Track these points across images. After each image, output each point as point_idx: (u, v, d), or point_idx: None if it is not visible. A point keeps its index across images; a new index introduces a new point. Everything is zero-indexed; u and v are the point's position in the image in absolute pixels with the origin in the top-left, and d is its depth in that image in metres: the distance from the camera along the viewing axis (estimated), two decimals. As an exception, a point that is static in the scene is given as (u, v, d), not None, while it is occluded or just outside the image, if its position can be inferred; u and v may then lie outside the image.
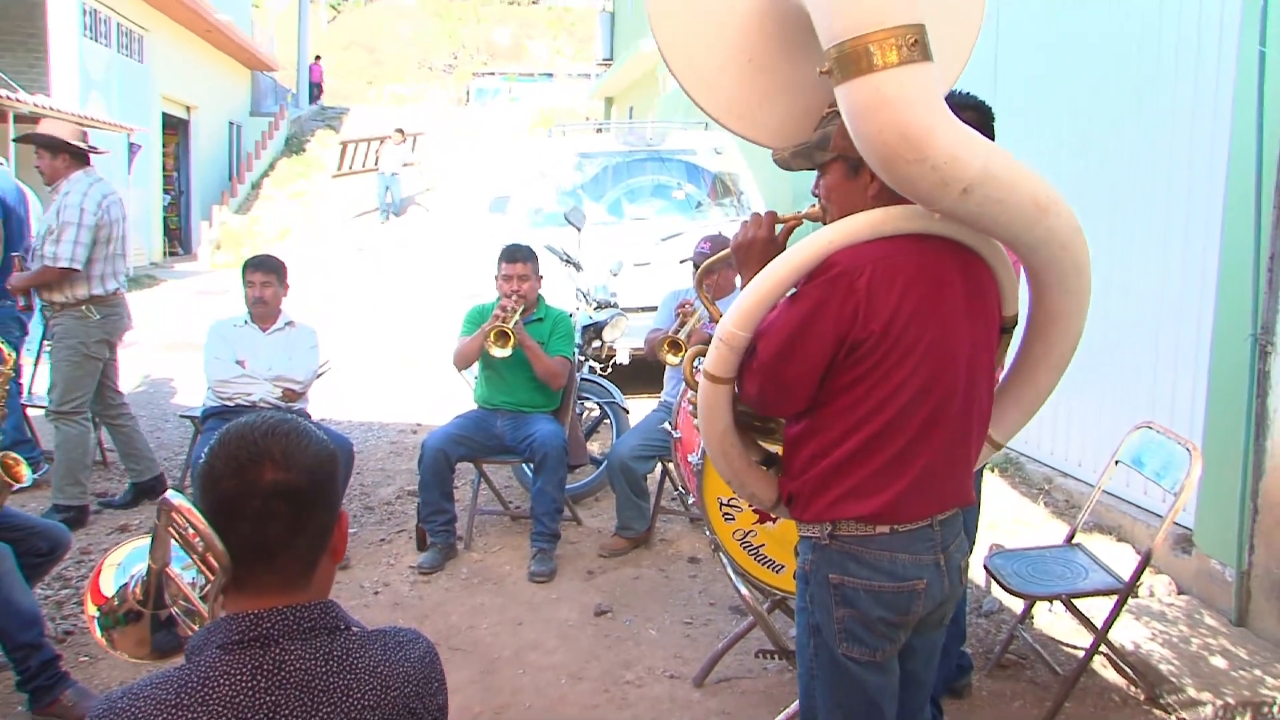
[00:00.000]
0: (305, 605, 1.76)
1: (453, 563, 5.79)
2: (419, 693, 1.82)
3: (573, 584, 5.55)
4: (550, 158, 10.83)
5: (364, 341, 12.76)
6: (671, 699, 4.34)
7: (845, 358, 2.44)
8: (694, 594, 5.41)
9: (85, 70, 18.61)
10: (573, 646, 4.83)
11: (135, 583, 2.01)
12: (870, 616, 2.51)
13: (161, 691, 1.67)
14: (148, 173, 22.03)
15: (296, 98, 34.92)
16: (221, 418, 5.80)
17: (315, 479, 1.77)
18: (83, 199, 6.13)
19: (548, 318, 6.03)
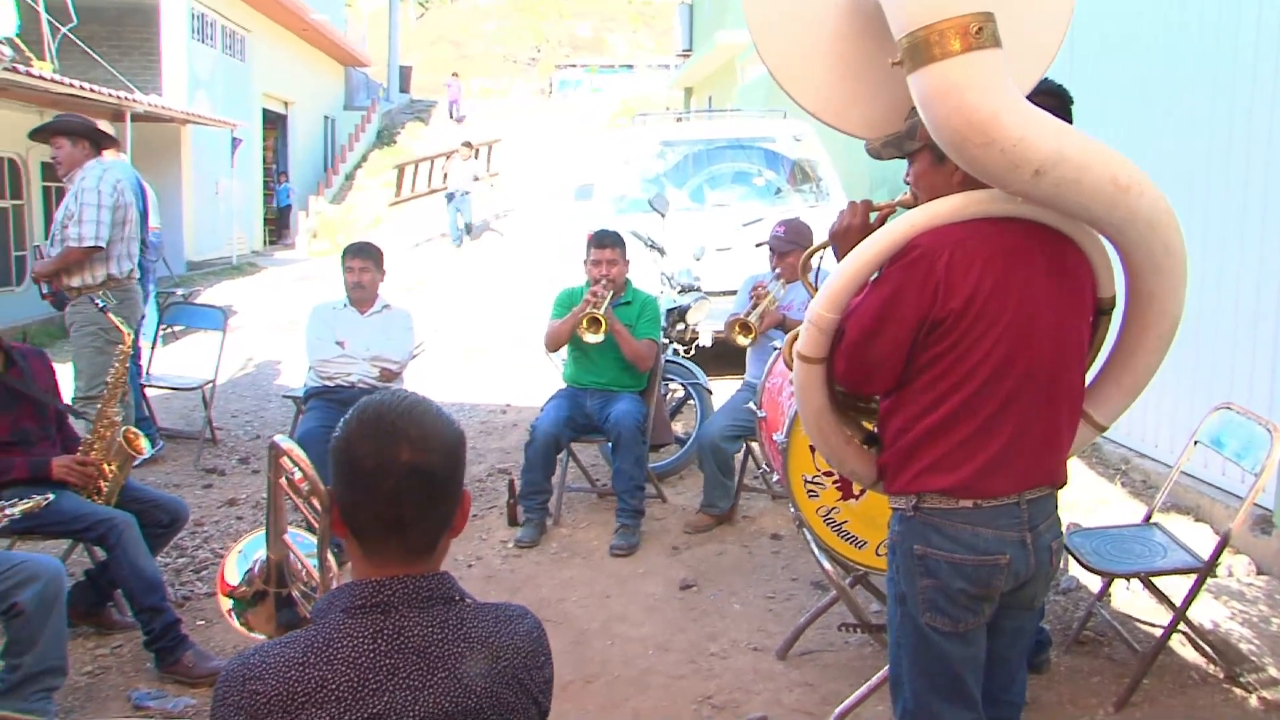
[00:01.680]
0: (425, 575, 1.79)
1: (543, 538, 5.84)
2: (527, 665, 1.84)
3: (659, 559, 5.57)
4: (634, 146, 10.82)
5: (453, 324, 12.86)
6: (755, 670, 4.33)
7: (927, 336, 2.46)
8: (776, 569, 5.40)
9: (193, 70, 18.96)
10: (659, 619, 4.85)
11: (257, 567, 2.06)
12: (951, 588, 2.51)
13: (290, 650, 1.72)
14: (249, 165, 22.40)
15: (388, 92, 35.25)
16: (322, 397, 5.91)
17: (447, 459, 1.80)
18: (99, 181, 6.18)
19: (635, 301, 6.05)
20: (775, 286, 5.77)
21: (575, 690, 4.15)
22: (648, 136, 10.91)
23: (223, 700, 1.73)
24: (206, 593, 5.07)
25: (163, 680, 4.20)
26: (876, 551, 3.88)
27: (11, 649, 3.65)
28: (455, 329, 12.66)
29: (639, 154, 10.63)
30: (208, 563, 5.40)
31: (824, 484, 3.90)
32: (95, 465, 4.43)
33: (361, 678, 1.69)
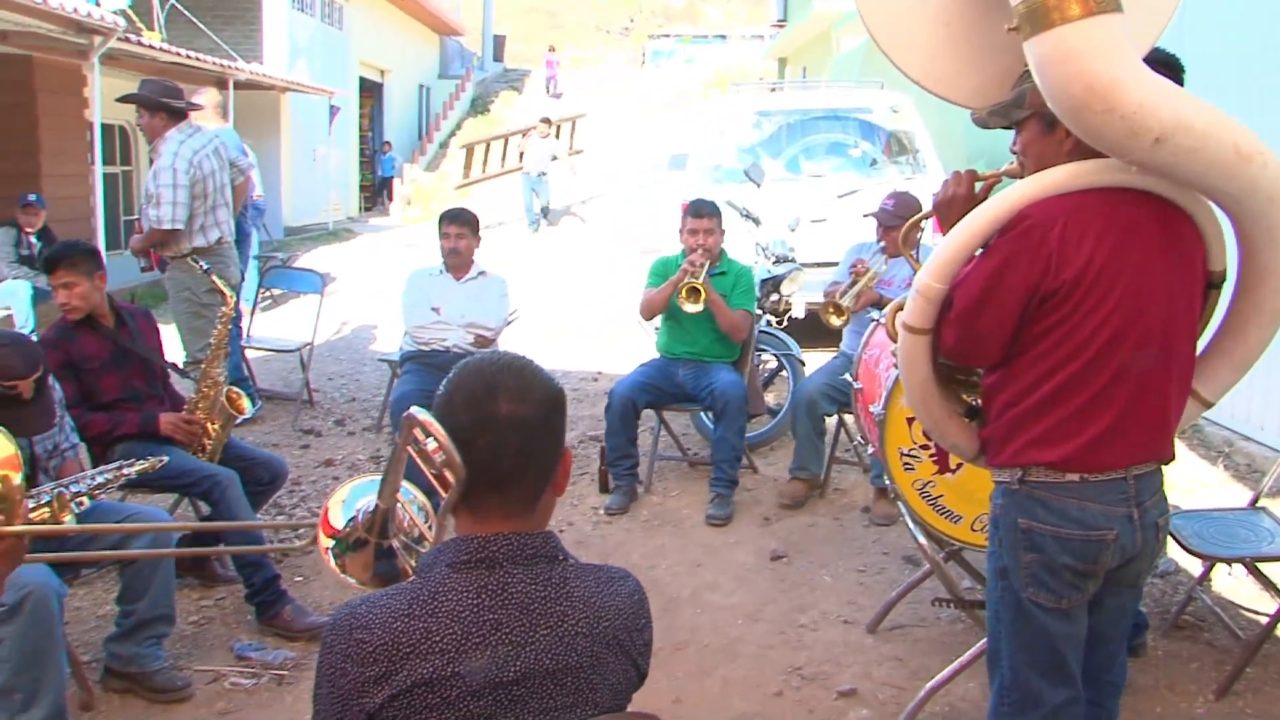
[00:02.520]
0: (529, 533, 1.81)
1: (633, 505, 5.87)
2: (627, 627, 1.86)
3: (750, 529, 5.57)
4: (729, 116, 10.76)
5: (545, 292, 12.92)
6: (845, 643, 4.32)
7: (1038, 308, 2.42)
8: (868, 543, 5.37)
9: (293, 39, 19.22)
10: (749, 589, 4.85)
11: (362, 515, 2.10)
12: (1056, 563, 2.48)
13: (395, 601, 1.75)
14: (346, 133, 22.68)
15: (482, 61, 35.43)
16: (417, 361, 5.99)
17: (545, 413, 1.81)
18: (174, 159, 6.21)
19: (730, 271, 6.02)
20: (878, 261, 5.70)
21: (665, 656, 4.18)
22: (743, 106, 10.84)
23: (330, 648, 1.77)
24: (304, 550, 5.16)
25: (263, 633, 4.32)
26: (972, 526, 3.84)
27: (125, 596, 3.80)
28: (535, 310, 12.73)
29: (734, 124, 10.57)
30: (305, 521, 5.51)
31: (920, 457, 3.86)
32: (200, 424, 4.55)
33: (465, 631, 1.72)
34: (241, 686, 3.93)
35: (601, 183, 21.57)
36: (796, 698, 3.92)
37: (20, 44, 11.40)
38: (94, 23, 10.66)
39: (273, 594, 4.33)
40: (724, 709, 3.85)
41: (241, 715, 3.75)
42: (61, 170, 12.37)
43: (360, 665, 1.72)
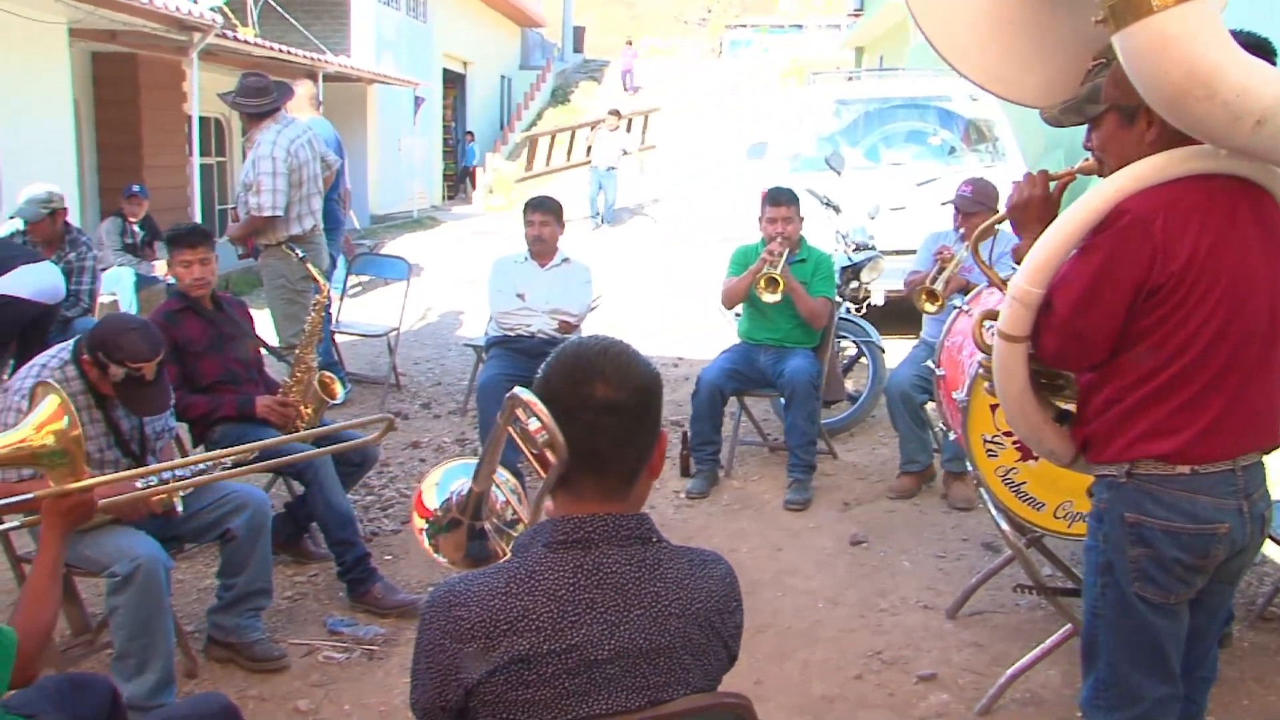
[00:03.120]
0: (624, 515, 1.81)
1: (714, 489, 5.87)
2: (719, 609, 1.86)
3: (829, 514, 5.54)
4: (809, 105, 10.70)
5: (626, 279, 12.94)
6: (925, 628, 4.29)
7: (1144, 303, 2.36)
8: (947, 529, 5.32)
9: (379, 32, 19.43)
10: (829, 573, 4.83)
11: (456, 497, 2.12)
12: (1166, 557, 2.42)
13: (493, 580, 1.77)
14: (430, 123, 22.89)
15: (562, 52, 35.54)
16: (502, 347, 6.04)
17: (642, 398, 1.81)
18: (272, 148, 6.28)
19: (810, 259, 5.98)
20: (959, 249, 5.64)
21: (746, 639, 4.09)
22: (822, 95, 10.77)
23: (429, 624, 1.80)
24: (392, 529, 5.25)
25: (354, 609, 4.39)
26: (1055, 513, 3.79)
27: (225, 570, 3.89)
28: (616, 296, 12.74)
29: (814, 112, 10.51)
30: (393, 501, 5.60)
31: (1003, 444, 3.81)
32: (294, 407, 4.64)
33: (561, 610, 1.73)
34: (334, 660, 4.00)
35: (673, 180, 21.04)
36: (876, 681, 3.90)
37: (126, 42, 11.68)
38: (194, 20, 10.89)
39: (363, 571, 4.39)
40: (804, 691, 3.84)
41: (334, 688, 3.81)
42: (161, 162, 12.65)
43: (458, 641, 1.74)
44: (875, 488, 5.90)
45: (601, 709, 1.73)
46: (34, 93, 9.82)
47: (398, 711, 3.65)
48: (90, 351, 3.56)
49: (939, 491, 5.79)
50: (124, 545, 3.42)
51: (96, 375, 3.57)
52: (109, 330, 3.60)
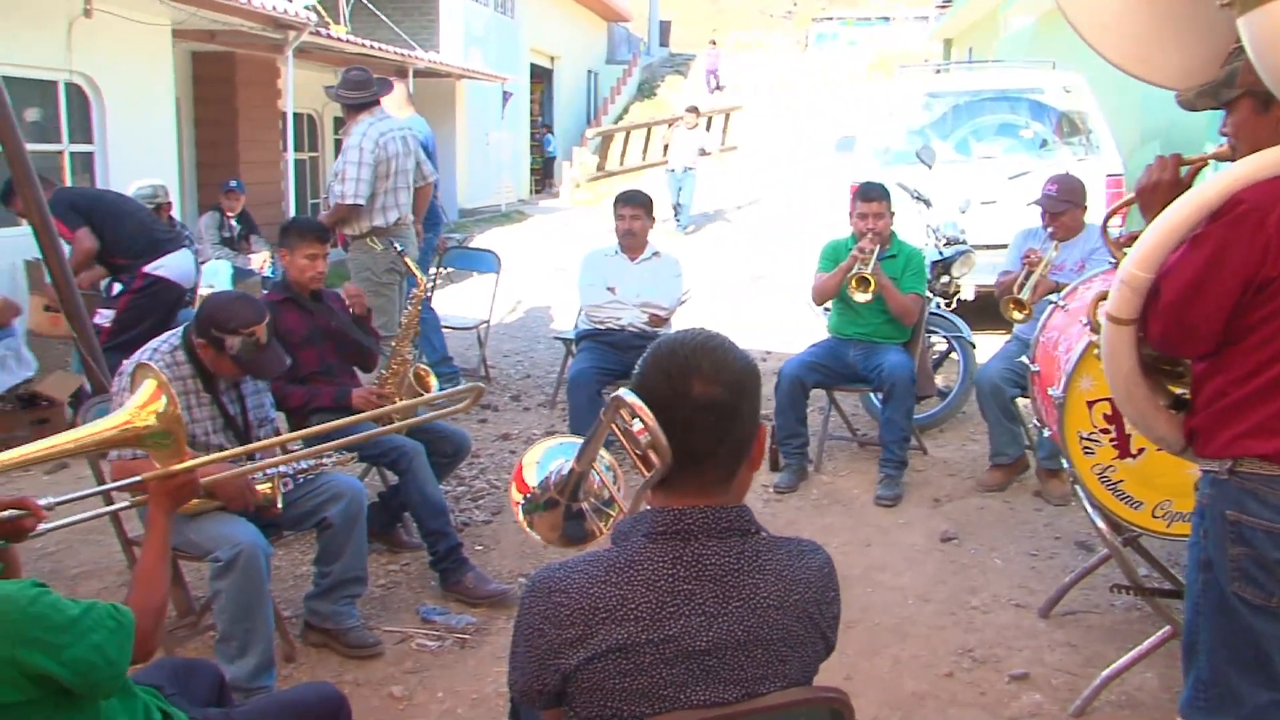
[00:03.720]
0: (724, 507, 1.82)
1: (804, 484, 5.84)
2: (817, 599, 1.86)
3: (919, 510, 5.49)
4: (898, 98, 10.59)
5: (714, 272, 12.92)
6: (1017, 626, 4.23)
7: (1255, 295, 2.29)
8: (1039, 527, 5.24)
9: (468, 28, 19.61)
10: (919, 570, 4.79)
11: (554, 476, 2.14)
12: (1268, 559, 2.35)
13: (593, 568, 1.79)
14: (517, 118, 23.05)
15: (648, 46, 35.56)
16: (593, 340, 6.08)
17: (739, 392, 1.80)
18: (361, 139, 6.34)
19: (900, 254, 5.91)
20: (1048, 248, 5.54)
21: (836, 633, 4.15)
22: (912, 88, 10.65)
23: (528, 608, 1.82)
24: (484, 520, 5.31)
25: (446, 598, 4.44)
26: (1153, 513, 3.71)
27: (322, 558, 3.96)
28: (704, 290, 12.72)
29: (903, 106, 10.40)
30: (484, 492, 5.66)
31: (1100, 441, 3.74)
32: (389, 398, 4.70)
33: (660, 600, 1.74)
34: (427, 648, 4.05)
35: (757, 182, 20.36)
36: (967, 679, 3.85)
37: (224, 42, 11.97)
38: (290, 19, 11.10)
39: (455, 561, 4.45)
40: (895, 687, 3.81)
41: (427, 675, 3.86)
42: (257, 157, 12.92)
43: (557, 627, 1.76)
44: (965, 484, 5.83)
45: (698, 700, 1.74)
46: (141, 92, 10.10)
47: (489, 700, 3.69)
48: (203, 332, 3.68)
49: (1031, 488, 5.70)
50: (226, 531, 3.50)
51: (213, 355, 3.70)
52: (215, 307, 3.72)
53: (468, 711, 3.64)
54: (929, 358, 6.64)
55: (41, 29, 8.84)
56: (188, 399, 3.71)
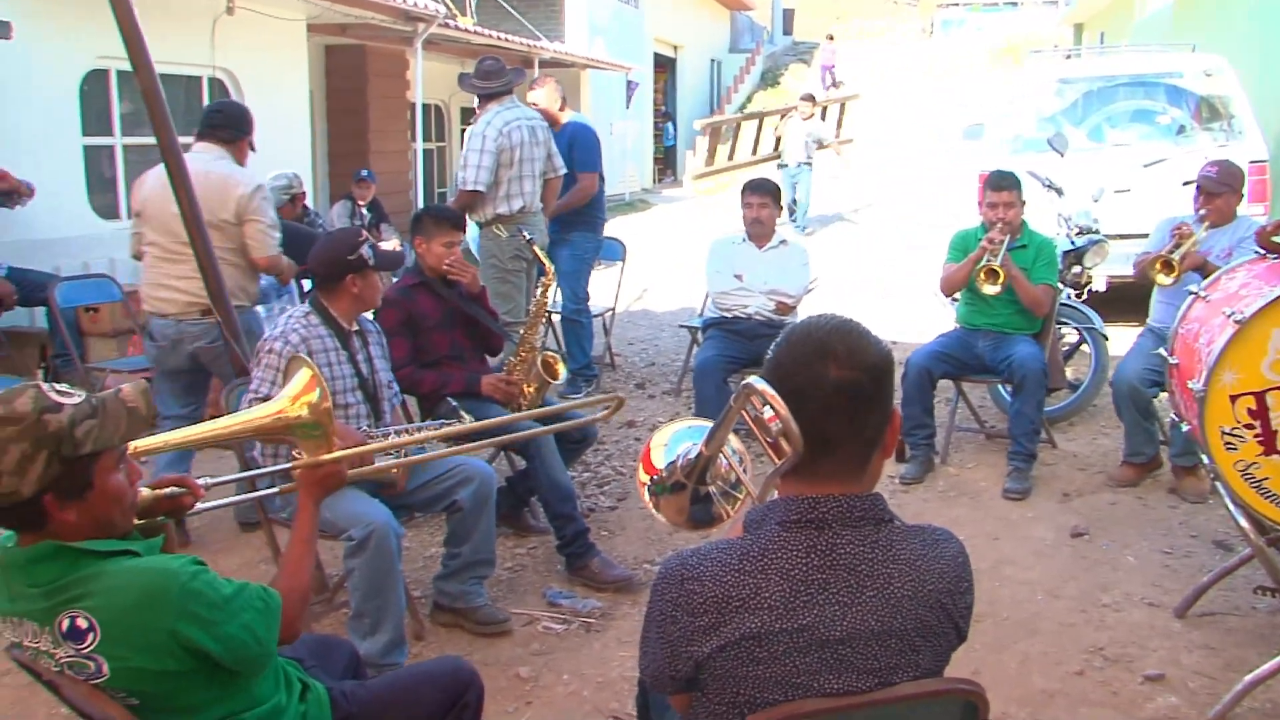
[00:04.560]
0: (858, 495, 1.80)
1: (930, 475, 5.77)
2: (950, 590, 1.83)
3: (1048, 504, 5.37)
4: (1029, 84, 10.34)
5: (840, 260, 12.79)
6: (1150, 626, 4.11)
7: None
8: (1174, 524, 5.08)
9: (592, 18, 19.74)
10: (1049, 565, 4.68)
11: (681, 459, 2.14)
12: None
13: (726, 555, 1.78)
14: (641, 107, 23.11)
15: (771, 34, 35.34)
16: (719, 328, 6.08)
17: (874, 377, 1.78)
18: (485, 127, 6.35)
19: (1031, 244, 5.75)
20: (1199, 229, 5.36)
21: (963, 627, 4.09)
22: (1043, 74, 10.39)
23: (661, 595, 1.82)
24: (609, 506, 5.35)
25: (571, 582, 4.49)
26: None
27: (451, 539, 4.03)
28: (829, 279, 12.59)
29: (1034, 92, 10.15)
30: (610, 478, 5.69)
31: (1244, 437, 3.61)
32: (517, 385, 4.75)
33: (793, 589, 1.73)
34: (553, 631, 4.10)
35: (879, 175, 19.60)
36: (1099, 678, 3.76)
37: (356, 35, 12.24)
38: (419, 11, 11.29)
39: (582, 546, 4.49)
40: (1023, 684, 3.73)
41: (553, 658, 3.90)
42: (386, 147, 13.19)
43: (690, 615, 1.76)
44: (1096, 479, 5.68)
45: (831, 688, 1.73)
46: (277, 85, 10.40)
47: (614, 684, 3.71)
48: (338, 272, 3.85)
49: (1164, 485, 5.53)
50: (360, 511, 3.58)
51: (361, 283, 3.87)
52: (328, 247, 3.91)
53: (593, 694, 3.67)
54: (1059, 349, 6.47)
55: (188, 28, 9.15)
56: (327, 356, 3.82)
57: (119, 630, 1.94)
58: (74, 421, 1.93)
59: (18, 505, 1.91)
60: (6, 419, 1.89)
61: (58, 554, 1.96)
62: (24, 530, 1.99)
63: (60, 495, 1.93)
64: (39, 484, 1.90)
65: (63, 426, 1.91)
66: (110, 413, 1.99)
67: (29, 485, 1.89)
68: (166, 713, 2.05)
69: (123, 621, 1.94)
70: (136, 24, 3.96)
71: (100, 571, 1.96)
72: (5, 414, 1.89)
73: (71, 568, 1.96)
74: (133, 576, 1.97)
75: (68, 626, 1.94)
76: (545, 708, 3.60)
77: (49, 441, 1.90)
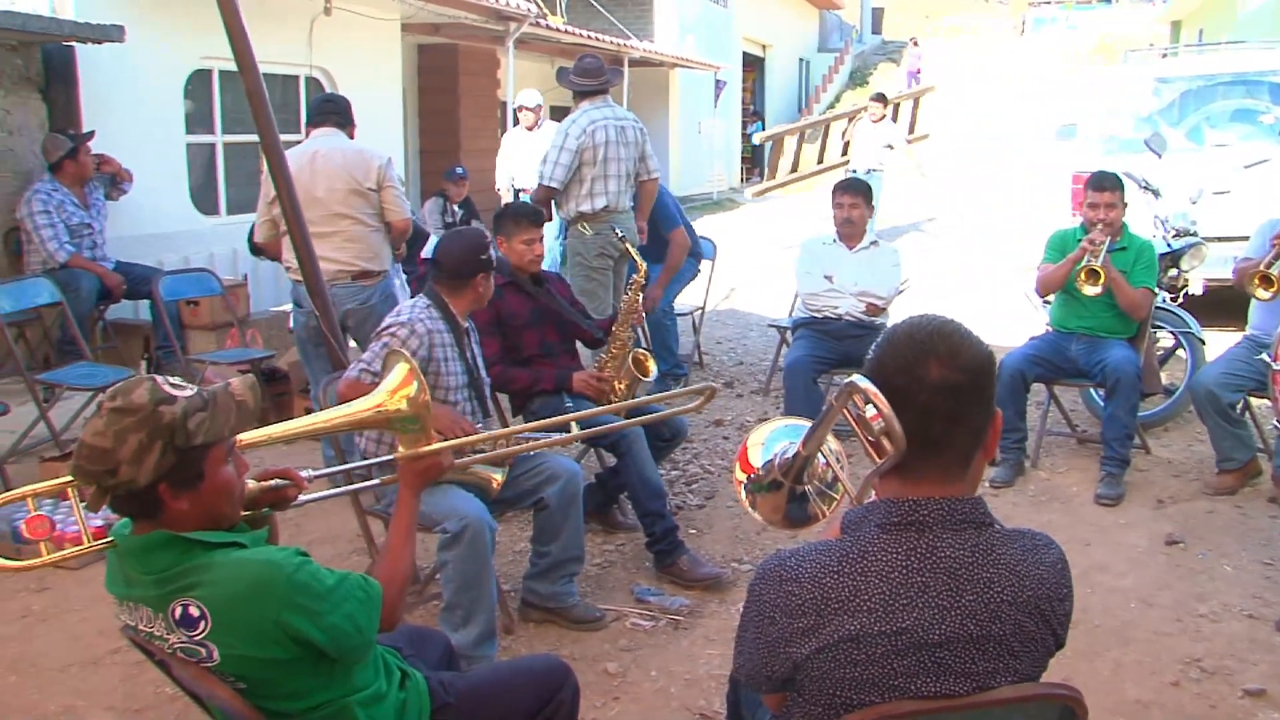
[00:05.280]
0: (959, 499, 1.79)
1: (1020, 479, 5.69)
2: (1050, 596, 1.82)
3: (1142, 511, 5.26)
4: (1124, 83, 10.14)
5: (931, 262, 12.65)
6: (1250, 639, 4.00)
7: None
8: (1275, 534, 4.94)
9: (681, 17, 19.75)
10: (1143, 573, 4.59)
11: (779, 458, 2.13)
12: None
13: (824, 557, 1.78)
14: (729, 106, 23.07)
15: (860, 33, 35.06)
16: (809, 328, 6.06)
17: (976, 377, 1.77)
18: (570, 125, 6.36)
19: (1131, 247, 5.63)
20: (1305, 233, 5.21)
21: (1055, 634, 4.02)
22: (1139, 73, 10.18)
23: (759, 596, 1.82)
24: (697, 504, 5.35)
25: (660, 579, 4.49)
26: None
27: (539, 537, 4.06)
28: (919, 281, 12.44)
29: (1130, 91, 9.95)
30: (698, 477, 5.69)
31: (1351, 447, 3.52)
32: (608, 381, 4.77)
33: (892, 592, 1.73)
34: (641, 627, 4.11)
35: (958, 181, 18.77)
36: (1196, 690, 3.67)
37: (448, 34, 12.38)
38: (512, 10, 11.39)
39: (670, 544, 4.49)
40: (1116, 693, 3.66)
41: (641, 654, 3.91)
42: (476, 145, 13.32)
43: (789, 616, 1.76)
44: (1191, 486, 5.56)
45: (928, 691, 1.73)
46: (371, 83, 10.57)
47: (701, 681, 3.72)
48: (468, 270, 3.94)
49: (1265, 494, 5.38)
50: (455, 505, 3.61)
51: (484, 281, 3.97)
52: (461, 247, 4.00)
53: (680, 691, 3.67)
54: (1154, 353, 6.34)
55: (287, 28, 9.34)
56: (445, 351, 3.89)
57: (228, 619, 1.99)
58: (187, 413, 1.99)
59: (135, 493, 1.97)
60: (125, 410, 1.95)
61: (170, 544, 2.02)
62: (140, 518, 2.06)
63: (174, 485, 1.99)
64: (154, 473, 1.96)
65: (176, 418, 1.97)
66: (220, 406, 2.05)
67: (145, 474, 1.95)
68: (272, 698, 2.10)
69: (231, 611, 1.99)
70: (243, 27, 4.04)
71: (210, 562, 2.02)
72: (123, 405, 1.96)
73: (183, 557, 2.02)
74: (241, 568, 2.02)
75: (180, 614, 2.00)
76: (633, 703, 3.61)
77: (164, 432, 1.96)
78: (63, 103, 7.59)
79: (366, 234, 5.39)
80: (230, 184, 9.54)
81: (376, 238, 5.45)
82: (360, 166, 5.35)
